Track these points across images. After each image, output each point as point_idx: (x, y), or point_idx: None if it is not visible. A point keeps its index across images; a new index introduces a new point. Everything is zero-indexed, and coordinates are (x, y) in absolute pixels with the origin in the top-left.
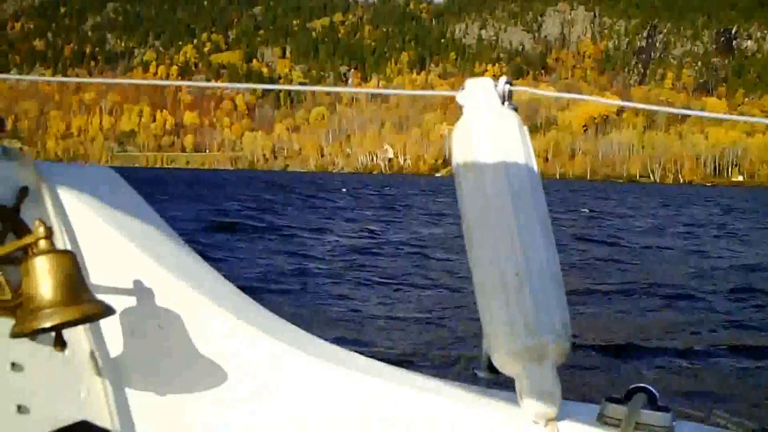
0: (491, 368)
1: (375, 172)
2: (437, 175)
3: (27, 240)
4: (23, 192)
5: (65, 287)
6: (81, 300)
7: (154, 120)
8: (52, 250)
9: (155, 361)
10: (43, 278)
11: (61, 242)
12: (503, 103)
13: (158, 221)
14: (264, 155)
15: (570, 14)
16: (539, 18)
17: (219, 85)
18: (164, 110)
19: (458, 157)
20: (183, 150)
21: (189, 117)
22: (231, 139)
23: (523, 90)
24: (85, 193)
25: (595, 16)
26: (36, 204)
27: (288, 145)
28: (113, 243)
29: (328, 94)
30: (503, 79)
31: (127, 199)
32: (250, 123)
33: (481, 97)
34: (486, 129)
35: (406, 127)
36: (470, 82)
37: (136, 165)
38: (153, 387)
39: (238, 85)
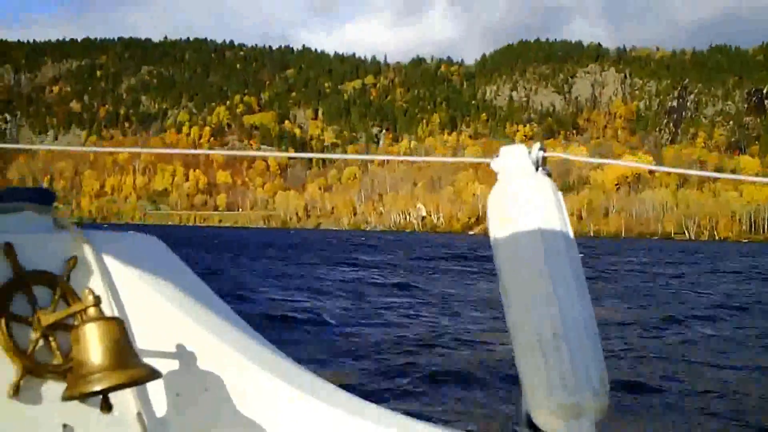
0: (530, 425)
1: (408, 230)
2: (470, 233)
3: (77, 308)
4: (73, 261)
5: (113, 352)
6: (128, 364)
7: (187, 179)
8: (101, 317)
9: (199, 422)
10: (92, 344)
11: (108, 308)
12: (537, 169)
13: (200, 285)
14: (297, 214)
15: (601, 75)
16: (570, 79)
17: (250, 153)
18: (197, 170)
19: (494, 222)
20: (216, 209)
21: (222, 176)
22: (263, 198)
23: (557, 156)
24: (130, 260)
25: (625, 77)
26: (84, 271)
27: (320, 203)
28: (157, 308)
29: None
30: (537, 145)
31: (169, 264)
32: (282, 182)
33: (515, 163)
34: (520, 194)
35: (439, 186)
36: (504, 149)
37: (169, 223)
38: None
39: (269, 153)
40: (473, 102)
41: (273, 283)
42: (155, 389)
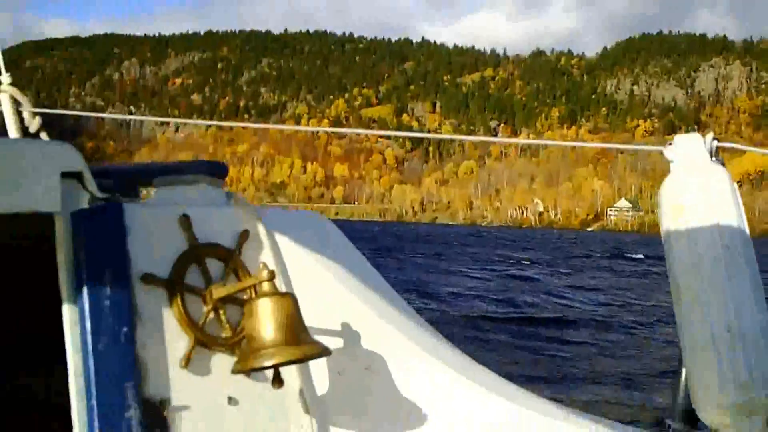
0: (686, 420)
1: (524, 226)
2: (588, 230)
3: (251, 281)
4: (244, 235)
5: (287, 328)
6: (301, 341)
7: (305, 172)
8: (275, 292)
9: (361, 402)
10: (266, 319)
11: (279, 283)
12: (711, 159)
13: (366, 266)
14: (413, 208)
15: (725, 69)
16: (692, 73)
17: (367, 132)
18: (315, 162)
19: (667, 213)
20: (332, 201)
21: (339, 169)
22: (380, 192)
23: (731, 146)
24: (300, 237)
25: (751, 70)
26: (255, 246)
27: (436, 198)
28: (324, 285)
29: (485, 145)
30: (710, 135)
31: (337, 243)
32: (398, 176)
33: (690, 152)
34: (696, 185)
35: (557, 181)
36: (678, 138)
37: None
38: (358, 426)
39: (387, 132)
40: (593, 96)
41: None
42: (318, 366)
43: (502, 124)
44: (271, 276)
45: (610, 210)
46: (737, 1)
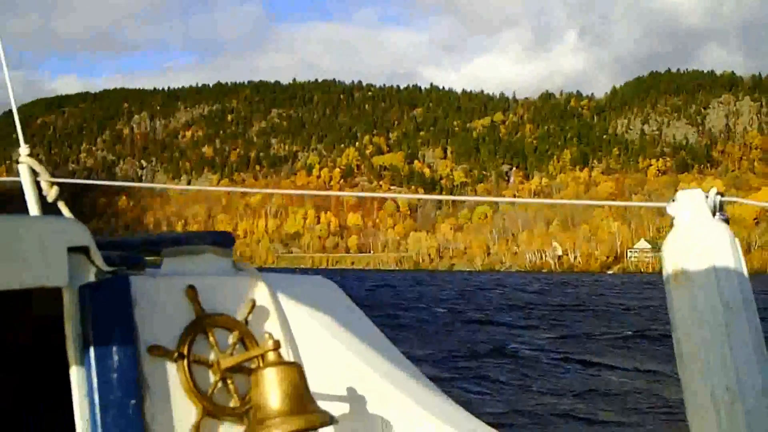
0: None
1: (544, 270)
2: (608, 272)
3: (256, 351)
4: (251, 304)
5: (292, 397)
6: (306, 410)
7: (319, 222)
8: (280, 362)
9: None
10: (271, 388)
11: (285, 352)
12: (714, 215)
13: (373, 329)
14: (429, 255)
15: (735, 105)
16: (702, 110)
17: (380, 195)
18: (328, 212)
19: (670, 270)
20: (347, 251)
21: (353, 218)
22: (395, 240)
23: (734, 200)
24: (307, 303)
25: (761, 105)
26: (262, 315)
27: (453, 244)
28: (332, 352)
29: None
30: (713, 190)
31: (344, 308)
32: (412, 223)
33: (692, 208)
34: (698, 242)
35: (573, 224)
36: (681, 194)
37: (302, 266)
38: None
39: (400, 196)
40: (604, 136)
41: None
42: None
43: (514, 168)
44: (276, 346)
45: (630, 251)
46: (744, 38)
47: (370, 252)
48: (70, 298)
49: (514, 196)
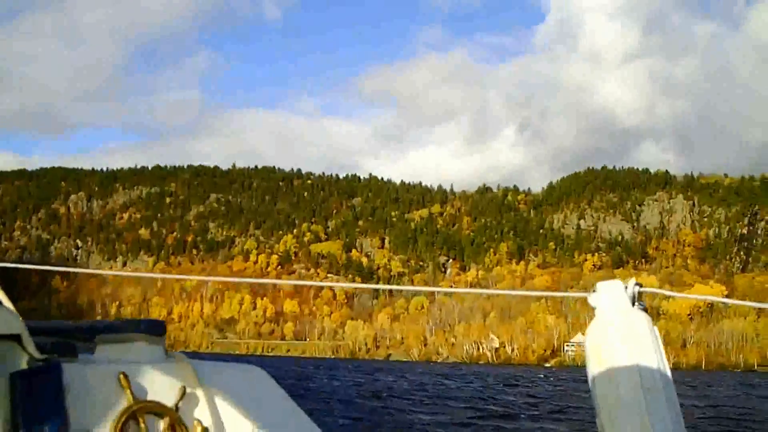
0: None
1: (482, 362)
2: (546, 365)
3: None
4: (182, 391)
5: None
6: None
7: (255, 307)
8: None
9: None
10: None
11: None
12: (633, 304)
13: (302, 418)
14: (366, 344)
15: (668, 203)
16: (638, 207)
17: (316, 283)
18: (265, 298)
19: (591, 358)
20: (283, 338)
21: (289, 305)
22: (331, 328)
23: (653, 291)
24: (236, 391)
25: (693, 204)
26: (193, 402)
27: (390, 333)
28: None
29: (432, 290)
30: (632, 281)
31: (274, 396)
32: (349, 311)
33: (612, 298)
34: (618, 331)
35: (510, 317)
36: (601, 285)
37: (237, 352)
38: None
39: (336, 284)
40: (541, 231)
41: None
42: None
43: (451, 260)
44: None
45: (567, 345)
46: (678, 138)
47: (306, 339)
48: (0, 386)
49: (450, 287)
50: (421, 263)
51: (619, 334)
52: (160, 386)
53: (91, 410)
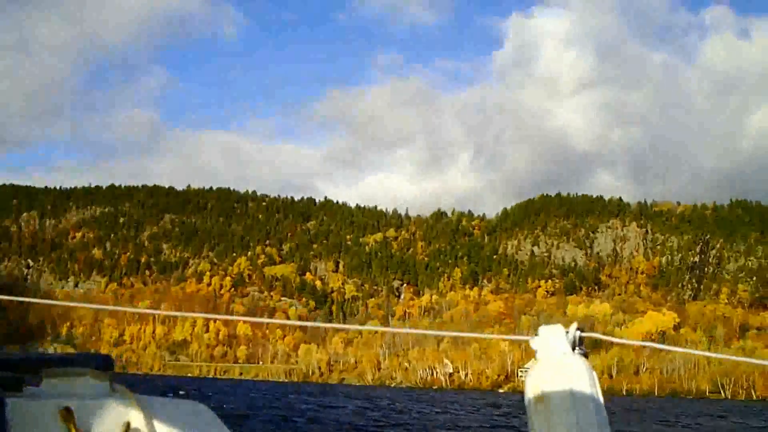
0: None
1: (435, 387)
2: (500, 390)
3: None
4: (125, 426)
5: None
6: None
7: (207, 330)
8: None
9: None
10: None
11: None
12: (574, 349)
13: None
14: (319, 368)
15: (622, 230)
16: (591, 234)
17: (262, 321)
18: (217, 321)
19: (531, 400)
20: (236, 360)
21: (242, 328)
22: (285, 351)
23: (594, 336)
24: (178, 426)
25: (647, 232)
26: None
27: (343, 358)
28: None
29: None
30: (574, 325)
31: (214, 431)
32: (302, 335)
33: (553, 342)
34: (557, 373)
35: (463, 342)
36: (543, 329)
37: (189, 375)
38: None
39: (282, 321)
40: (495, 256)
41: None
42: None
43: (405, 284)
44: None
45: (521, 370)
46: (632, 166)
47: (259, 363)
48: None
49: (404, 312)
50: (375, 287)
51: (558, 377)
52: (104, 421)
53: None
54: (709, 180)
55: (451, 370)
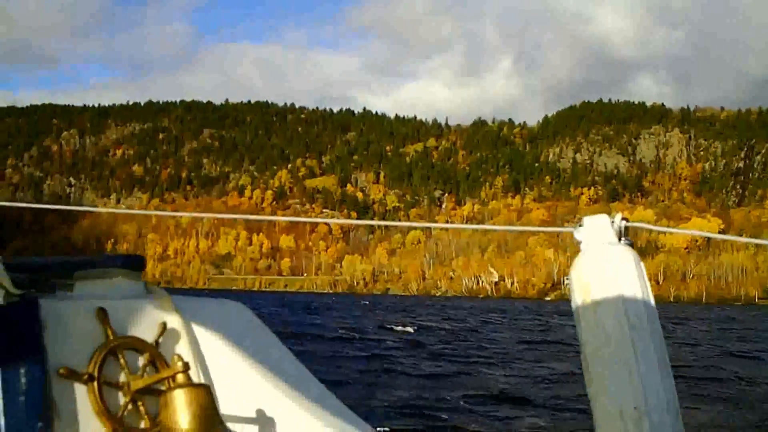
0: None
1: (481, 296)
2: (547, 299)
3: (166, 373)
4: (162, 327)
5: (200, 419)
6: (214, 431)
7: (251, 243)
8: (189, 384)
9: None
10: (180, 410)
11: (196, 374)
12: (619, 239)
13: (284, 352)
14: (364, 279)
15: (665, 137)
16: (633, 141)
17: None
18: (260, 233)
19: (577, 293)
20: (280, 273)
21: (285, 240)
22: (328, 263)
23: (639, 225)
24: (217, 326)
25: (690, 138)
26: (173, 337)
27: (387, 268)
28: (241, 374)
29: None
30: (618, 215)
31: (255, 331)
32: (345, 246)
33: (597, 233)
34: (603, 265)
35: (508, 251)
36: (587, 219)
37: (234, 288)
38: None
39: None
40: (536, 164)
41: None
42: None
43: (446, 194)
44: (186, 368)
45: (567, 278)
46: (675, 70)
47: (303, 275)
48: None
49: (447, 221)
50: (416, 198)
51: (604, 270)
52: (140, 322)
53: (68, 345)
54: (755, 84)
55: (496, 279)
